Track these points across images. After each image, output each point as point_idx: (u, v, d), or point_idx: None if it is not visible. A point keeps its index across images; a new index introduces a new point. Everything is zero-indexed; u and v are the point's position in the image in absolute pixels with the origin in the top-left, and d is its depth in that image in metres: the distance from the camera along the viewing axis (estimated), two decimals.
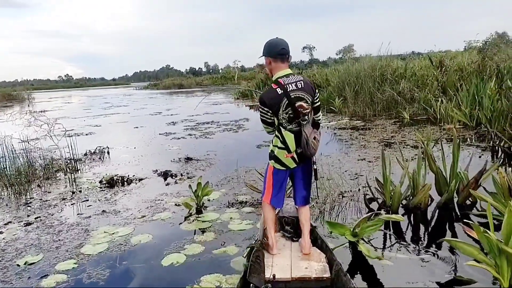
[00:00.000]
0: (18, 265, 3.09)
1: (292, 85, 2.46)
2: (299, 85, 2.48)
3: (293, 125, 2.49)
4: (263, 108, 2.52)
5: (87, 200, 4.70)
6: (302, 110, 2.44)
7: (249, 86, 21.52)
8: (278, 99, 2.44)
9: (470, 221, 2.49)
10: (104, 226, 3.81)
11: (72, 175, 5.89)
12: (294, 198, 2.79)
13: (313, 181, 2.73)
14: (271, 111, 2.49)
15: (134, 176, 5.64)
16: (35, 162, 6.22)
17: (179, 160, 6.52)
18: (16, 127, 6.79)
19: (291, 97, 2.43)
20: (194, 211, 4.07)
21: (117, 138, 9.48)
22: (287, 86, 2.45)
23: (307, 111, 2.47)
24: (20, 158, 6.05)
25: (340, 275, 2.28)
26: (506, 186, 3.01)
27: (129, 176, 5.59)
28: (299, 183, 2.69)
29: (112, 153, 7.46)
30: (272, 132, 2.62)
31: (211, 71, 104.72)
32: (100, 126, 12.25)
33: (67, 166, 6.17)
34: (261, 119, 2.59)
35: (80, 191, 5.08)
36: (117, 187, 5.20)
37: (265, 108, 2.50)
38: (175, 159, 6.65)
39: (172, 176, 5.56)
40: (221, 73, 63.61)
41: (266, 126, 2.61)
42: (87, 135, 10.34)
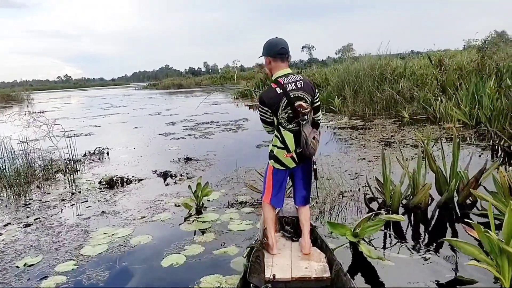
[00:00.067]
0: (17, 266, 3.08)
1: (291, 84, 2.46)
2: (299, 85, 2.48)
3: (292, 125, 2.48)
4: (262, 107, 2.52)
5: (87, 201, 4.68)
6: (301, 109, 2.44)
7: (248, 86, 21.52)
8: (277, 98, 2.43)
9: (470, 221, 2.48)
10: (104, 227, 3.80)
11: (71, 176, 5.88)
12: (294, 198, 2.79)
13: (313, 181, 2.72)
14: (271, 111, 2.48)
15: (134, 176, 5.63)
16: (34, 163, 6.21)
17: (179, 161, 6.51)
18: (15, 128, 6.76)
19: (291, 96, 2.43)
20: (194, 212, 4.06)
21: (116, 139, 9.46)
22: (286, 85, 2.45)
23: (307, 110, 2.46)
24: (19, 159, 6.04)
25: (340, 275, 2.27)
26: (507, 186, 3.01)
27: (128, 176, 5.58)
28: (299, 183, 2.69)
29: (112, 153, 7.44)
30: (271, 131, 2.62)
31: (210, 71, 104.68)
32: (99, 127, 12.24)
33: (66, 167, 6.16)
34: (260, 118, 2.58)
35: (80, 192, 5.07)
36: (116, 187, 5.19)
37: (264, 107, 2.50)
38: (174, 159, 6.63)
39: (171, 176, 5.55)
40: (220, 73, 63.60)
41: (265, 126, 2.61)
42: (86, 135, 10.32)
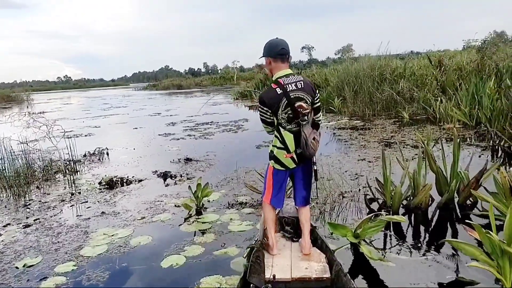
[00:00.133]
0: (17, 267, 3.07)
1: (292, 85, 2.46)
2: (299, 85, 2.48)
3: (292, 125, 2.48)
4: (262, 107, 2.52)
5: (86, 202, 4.68)
6: (301, 110, 2.44)
7: (248, 87, 21.52)
8: (277, 99, 2.43)
9: (471, 222, 2.47)
10: (104, 228, 3.79)
11: (71, 177, 5.87)
12: (294, 199, 2.79)
13: (313, 181, 2.72)
14: (270, 111, 2.48)
15: (134, 177, 5.62)
16: (34, 164, 6.20)
17: (179, 161, 6.50)
18: (15, 129, 6.76)
19: (291, 97, 2.43)
20: (194, 212, 4.05)
21: (116, 139, 9.45)
22: (286, 86, 2.45)
23: (307, 111, 2.46)
24: (19, 159, 6.02)
25: (340, 275, 2.28)
26: (508, 186, 3.00)
27: (128, 177, 5.57)
28: (299, 184, 2.69)
29: (112, 154, 7.43)
30: (272, 132, 2.62)
31: (210, 71, 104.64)
32: (99, 127, 12.22)
33: (66, 168, 6.15)
34: (260, 118, 2.58)
35: (79, 193, 5.06)
36: (116, 188, 5.18)
37: (264, 107, 2.50)
38: (174, 160, 6.62)
39: (171, 177, 5.54)
40: (220, 73, 63.60)
41: (266, 126, 2.61)
42: (86, 136, 10.31)
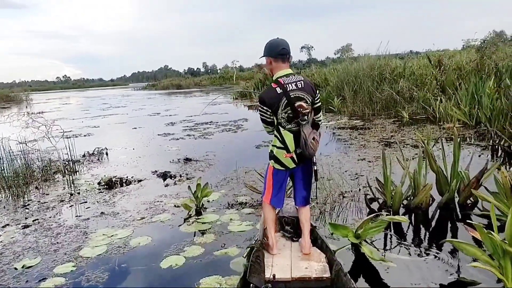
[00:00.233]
0: (15, 268, 3.05)
1: (292, 84, 2.46)
2: (299, 85, 2.48)
3: (292, 125, 2.48)
4: (262, 107, 2.51)
5: (86, 202, 4.66)
6: (301, 110, 2.44)
7: (247, 86, 21.50)
8: (277, 98, 2.43)
9: (472, 222, 2.46)
10: (103, 229, 3.77)
11: (70, 177, 5.85)
12: (294, 198, 2.79)
13: (313, 181, 2.71)
14: (270, 110, 2.48)
15: (133, 177, 5.60)
16: (33, 164, 6.18)
17: (178, 161, 6.49)
18: (14, 129, 6.74)
19: (291, 96, 2.43)
20: (193, 213, 4.04)
21: (115, 139, 9.44)
22: (287, 85, 2.45)
23: (307, 111, 2.46)
24: (18, 160, 6.00)
25: (340, 275, 2.27)
26: (508, 186, 2.98)
27: (127, 177, 5.56)
28: (299, 183, 2.69)
29: (111, 154, 7.42)
30: (271, 132, 2.61)
31: (209, 71, 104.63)
32: (98, 127, 12.20)
33: (65, 168, 6.13)
34: (261, 118, 2.58)
35: (79, 193, 5.04)
36: (115, 188, 5.16)
37: (264, 107, 2.50)
38: (174, 160, 6.61)
39: (171, 177, 5.53)
40: (219, 73, 63.54)
41: (266, 126, 2.61)
42: (85, 136, 10.29)
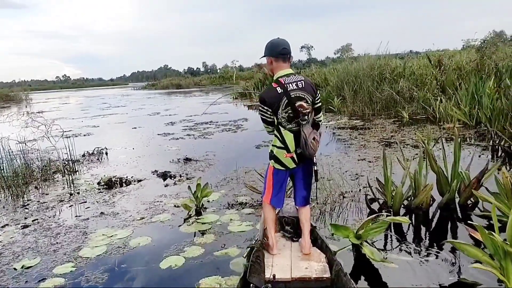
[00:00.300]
0: (15, 268, 3.04)
1: (292, 84, 2.46)
2: (300, 85, 2.48)
3: (292, 125, 2.48)
4: (262, 106, 2.51)
5: (85, 202, 4.65)
6: (302, 109, 2.44)
7: (247, 86, 21.49)
8: (277, 98, 2.43)
9: (473, 223, 2.45)
10: (103, 229, 3.76)
11: (70, 177, 5.83)
12: (294, 199, 2.79)
13: (313, 182, 2.71)
14: (271, 110, 2.48)
15: (133, 177, 5.59)
16: (32, 164, 6.16)
17: (178, 161, 6.48)
18: (13, 128, 6.73)
19: (291, 96, 2.42)
20: (193, 213, 4.03)
21: (115, 139, 9.42)
22: (287, 85, 2.45)
23: (307, 111, 2.46)
24: (17, 159, 5.98)
25: (340, 275, 2.27)
26: (509, 187, 2.98)
27: (127, 177, 5.54)
28: (299, 183, 2.69)
29: (110, 154, 7.40)
30: (272, 132, 2.61)
31: (209, 71, 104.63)
32: (98, 127, 12.19)
33: (64, 168, 6.12)
34: (261, 118, 2.58)
35: (78, 193, 5.03)
36: (115, 188, 5.15)
37: (264, 106, 2.50)
38: (174, 159, 6.60)
39: (171, 177, 5.52)
40: (219, 73, 63.50)
41: (266, 126, 2.61)
42: (85, 136, 10.27)
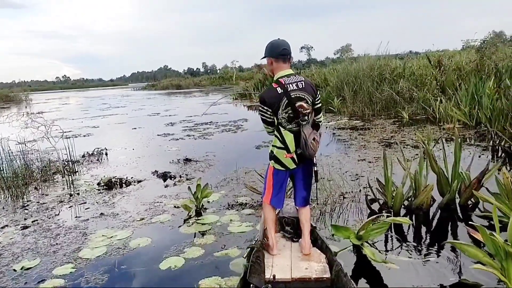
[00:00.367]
0: (14, 270, 3.03)
1: (292, 85, 2.46)
2: (300, 85, 2.48)
3: (292, 125, 2.48)
4: (263, 107, 2.51)
5: (85, 203, 4.64)
6: (302, 110, 2.44)
7: (247, 87, 21.49)
8: (278, 98, 2.43)
9: (474, 223, 2.45)
10: (103, 230, 3.75)
11: (69, 177, 5.83)
12: (294, 199, 2.79)
13: (313, 182, 2.71)
14: (271, 110, 2.48)
15: (133, 178, 5.58)
16: (32, 164, 6.15)
17: (178, 161, 6.47)
18: (13, 129, 6.73)
19: (291, 96, 2.43)
20: (193, 213, 4.02)
21: (115, 139, 9.41)
22: (287, 85, 2.45)
23: (307, 111, 2.46)
24: (17, 160, 5.98)
25: (340, 275, 2.27)
26: (510, 187, 2.97)
27: (127, 178, 5.54)
28: (299, 184, 2.69)
29: (110, 154, 7.40)
30: (272, 132, 2.62)
31: (209, 71, 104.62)
32: (98, 128, 12.18)
33: (64, 168, 6.11)
34: (261, 118, 2.59)
35: (78, 194, 5.02)
36: (115, 189, 5.14)
37: (265, 107, 2.50)
38: (174, 160, 6.59)
39: (171, 177, 5.51)
40: (219, 73, 63.51)
41: (266, 126, 2.61)
42: (84, 136, 10.27)
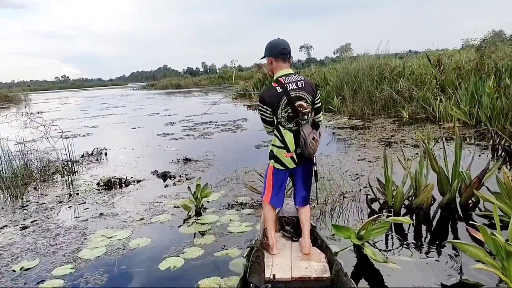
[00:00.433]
0: (13, 270, 3.02)
1: (292, 84, 2.46)
2: (300, 85, 2.48)
3: (292, 124, 2.47)
4: (262, 106, 2.51)
5: (85, 203, 4.63)
6: (301, 109, 2.44)
7: (246, 86, 21.47)
8: (277, 97, 2.43)
9: (475, 223, 2.44)
10: (102, 230, 3.74)
11: (69, 177, 5.81)
12: (294, 199, 2.78)
13: (313, 182, 2.70)
14: (270, 109, 2.48)
15: (132, 177, 5.57)
16: (31, 165, 6.14)
17: (178, 161, 6.46)
18: (12, 129, 6.72)
19: (291, 96, 2.43)
20: (193, 213, 4.01)
21: (114, 139, 9.40)
22: (287, 85, 2.45)
23: (307, 110, 2.46)
24: (16, 160, 5.97)
25: (340, 275, 2.27)
26: (511, 186, 2.96)
27: (127, 177, 5.52)
28: (299, 183, 2.69)
29: (110, 154, 7.38)
30: (271, 132, 2.61)
31: (208, 71, 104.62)
32: (97, 127, 12.16)
33: (64, 168, 6.10)
34: (261, 118, 2.58)
35: (77, 194, 5.01)
36: (114, 189, 5.13)
37: (264, 106, 2.49)
38: (173, 160, 6.58)
39: (170, 177, 5.50)
40: (218, 73, 63.48)
41: (266, 126, 2.60)
42: (84, 136, 10.25)
